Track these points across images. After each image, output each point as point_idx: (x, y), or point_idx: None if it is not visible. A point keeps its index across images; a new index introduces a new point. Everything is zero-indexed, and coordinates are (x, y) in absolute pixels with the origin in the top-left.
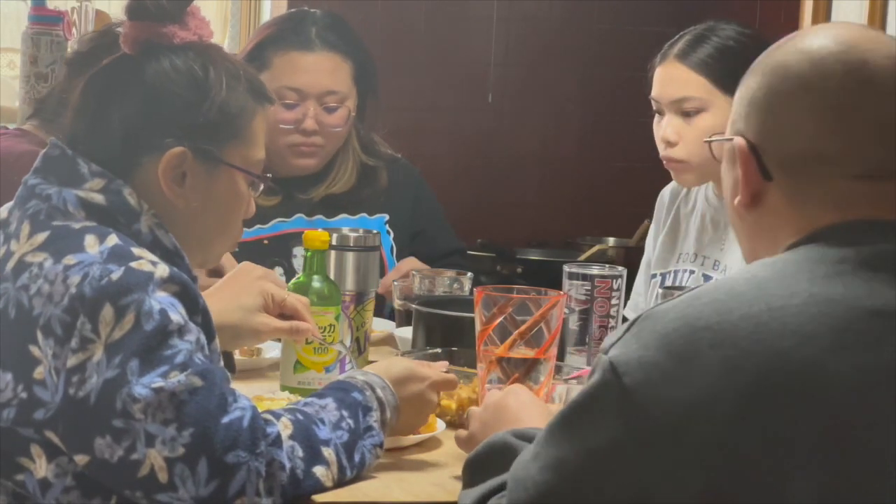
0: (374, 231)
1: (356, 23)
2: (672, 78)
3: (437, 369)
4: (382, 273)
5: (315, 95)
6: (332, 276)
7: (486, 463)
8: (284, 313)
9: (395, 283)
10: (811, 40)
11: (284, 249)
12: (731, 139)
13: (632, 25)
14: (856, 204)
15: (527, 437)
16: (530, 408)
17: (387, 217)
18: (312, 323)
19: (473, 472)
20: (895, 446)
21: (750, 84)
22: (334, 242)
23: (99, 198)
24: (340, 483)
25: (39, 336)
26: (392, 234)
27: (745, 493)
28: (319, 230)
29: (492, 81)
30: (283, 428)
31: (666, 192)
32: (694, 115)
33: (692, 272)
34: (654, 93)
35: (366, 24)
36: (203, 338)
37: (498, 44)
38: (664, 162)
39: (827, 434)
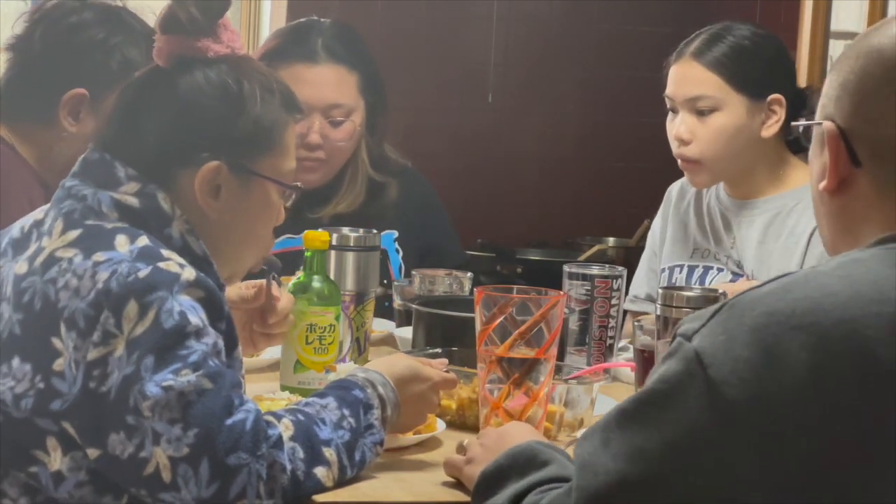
0: (374, 231)
1: (356, 23)
2: (687, 76)
3: (438, 368)
4: (384, 274)
5: (320, 109)
6: (332, 276)
7: (510, 469)
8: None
9: (396, 283)
10: None
11: (292, 266)
12: (819, 123)
13: (632, 25)
14: None
15: (552, 447)
16: (532, 437)
17: (396, 234)
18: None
19: (497, 480)
20: None
21: (843, 67)
22: (334, 242)
23: (133, 200)
24: (341, 482)
25: (62, 328)
26: (401, 253)
27: (827, 493)
28: (320, 230)
29: (492, 81)
30: (285, 429)
31: (674, 188)
32: (708, 114)
33: (707, 267)
34: (668, 91)
35: (366, 25)
36: (221, 343)
37: (498, 44)
38: (678, 161)
39: None
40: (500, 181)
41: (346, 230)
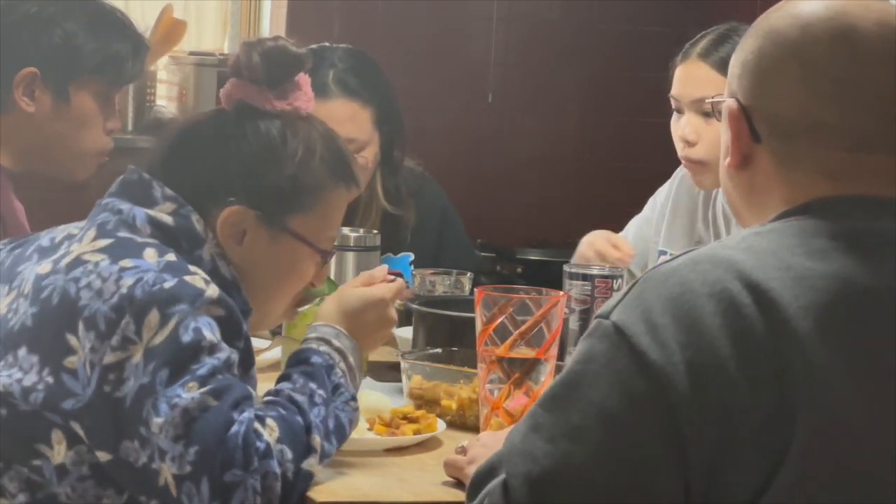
0: (374, 231)
1: (356, 22)
2: (693, 77)
3: (383, 277)
4: None
5: None
6: (332, 276)
7: (500, 464)
8: None
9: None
10: (803, 5)
11: None
12: (724, 100)
13: (632, 25)
14: (847, 176)
15: None
16: None
17: (412, 257)
18: None
19: (488, 476)
20: (878, 417)
21: (745, 46)
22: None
23: (168, 219)
24: (327, 456)
25: (80, 327)
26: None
27: (749, 454)
28: None
29: (492, 81)
30: (270, 433)
31: (684, 172)
32: (713, 115)
33: None
34: (674, 91)
35: (366, 24)
36: (235, 357)
37: (498, 44)
38: (683, 162)
39: (816, 406)
40: (500, 181)
41: (346, 230)
